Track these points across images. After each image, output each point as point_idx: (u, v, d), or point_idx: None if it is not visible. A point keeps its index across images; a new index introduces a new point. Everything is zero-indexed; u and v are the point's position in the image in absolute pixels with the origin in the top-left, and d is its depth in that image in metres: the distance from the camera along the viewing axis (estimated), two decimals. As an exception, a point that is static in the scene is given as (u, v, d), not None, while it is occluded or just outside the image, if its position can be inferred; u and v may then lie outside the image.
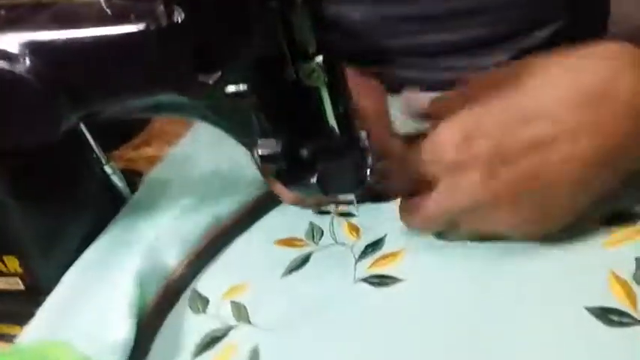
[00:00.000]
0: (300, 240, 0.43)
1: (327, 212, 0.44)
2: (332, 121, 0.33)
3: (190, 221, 0.44)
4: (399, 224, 0.40)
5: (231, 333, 0.37)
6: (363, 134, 0.36)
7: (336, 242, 0.42)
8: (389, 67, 0.59)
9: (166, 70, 0.32)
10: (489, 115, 0.35)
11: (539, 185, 0.34)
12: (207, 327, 0.38)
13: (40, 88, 0.33)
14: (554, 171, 0.33)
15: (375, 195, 0.43)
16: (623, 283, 0.34)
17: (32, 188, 0.39)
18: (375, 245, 0.41)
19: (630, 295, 0.33)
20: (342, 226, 0.43)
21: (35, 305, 0.38)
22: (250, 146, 0.35)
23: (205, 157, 0.51)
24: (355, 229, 0.43)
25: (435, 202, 0.36)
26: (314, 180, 0.35)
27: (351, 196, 0.39)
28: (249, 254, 0.43)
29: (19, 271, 0.41)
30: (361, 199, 0.42)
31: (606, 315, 0.33)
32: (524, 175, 0.34)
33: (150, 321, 0.38)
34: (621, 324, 0.32)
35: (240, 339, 0.36)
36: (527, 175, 0.34)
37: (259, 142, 0.34)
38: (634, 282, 0.34)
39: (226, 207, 0.45)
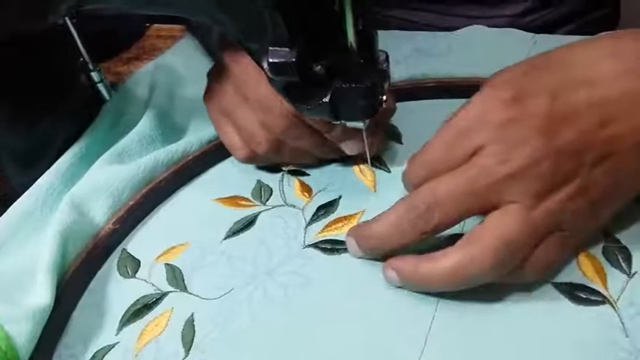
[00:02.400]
0: (246, 199, 0.39)
1: (278, 170, 0.41)
2: (352, 38, 0.30)
3: (125, 169, 0.40)
4: (356, 185, 0.36)
5: (165, 300, 0.34)
6: (382, 55, 0.33)
7: (286, 203, 0.39)
8: (403, 10, 0.59)
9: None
10: (540, 77, 0.31)
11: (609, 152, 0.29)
12: (137, 293, 0.35)
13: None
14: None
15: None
16: (593, 259, 0.32)
17: (14, 96, 0.39)
18: (328, 207, 0.38)
19: (600, 273, 0.31)
20: (292, 185, 0.40)
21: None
22: (260, 55, 0.32)
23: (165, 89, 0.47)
24: (307, 190, 0.39)
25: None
26: (326, 99, 0.32)
27: (360, 124, 0.35)
28: (188, 213, 0.40)
29: (-6, 180, 0.41)
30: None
31: (574, 292, 0.31)
32: (587, 133, 0.29)
33: (71, 285, 0.35)
34: (589, 302, 0.30)
35: (175, 307, 0.33)
36: (590, 132, 0.29)
37: (270, 49, 0.31)
38: (603, 258, 0.32)
39: (170, 153, 0.41)
